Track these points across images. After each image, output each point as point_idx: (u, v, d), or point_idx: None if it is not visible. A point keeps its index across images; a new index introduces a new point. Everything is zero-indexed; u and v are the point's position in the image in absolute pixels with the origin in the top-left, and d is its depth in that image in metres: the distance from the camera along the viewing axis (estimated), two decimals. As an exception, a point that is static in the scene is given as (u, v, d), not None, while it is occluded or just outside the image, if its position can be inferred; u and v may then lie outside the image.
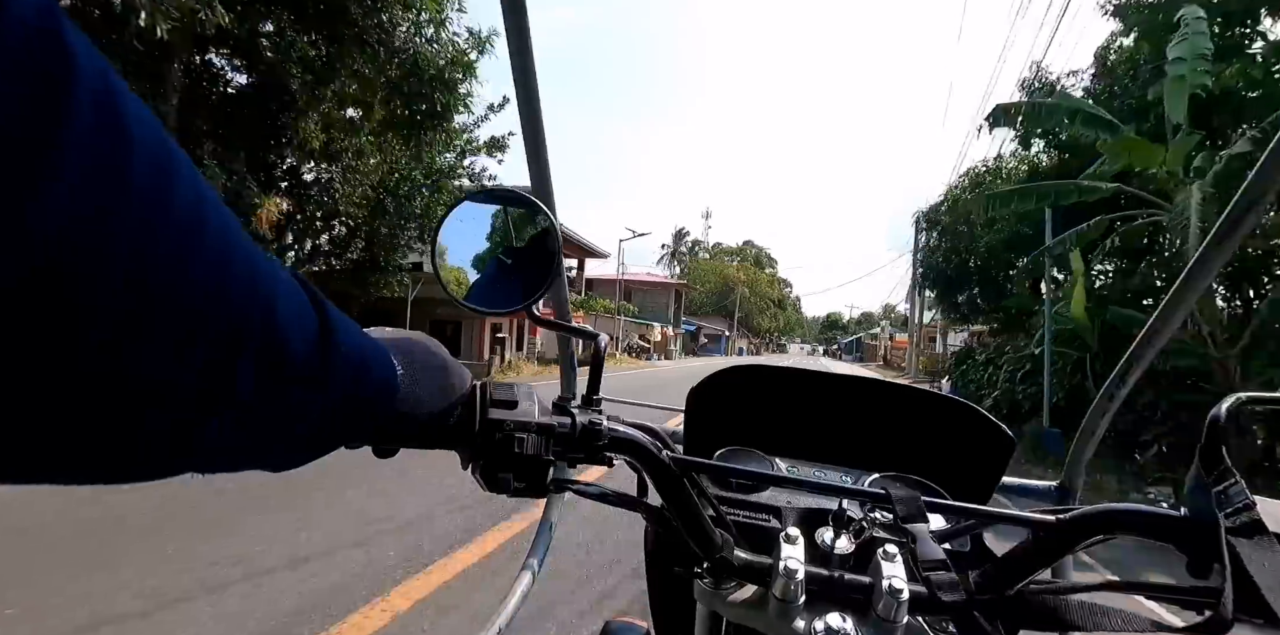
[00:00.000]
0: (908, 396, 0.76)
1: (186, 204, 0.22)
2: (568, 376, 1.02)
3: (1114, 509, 0.49)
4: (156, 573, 2.62)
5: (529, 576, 0.92)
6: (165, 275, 0.21)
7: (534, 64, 0.69)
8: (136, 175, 0.20)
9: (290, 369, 0.28)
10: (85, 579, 2.50)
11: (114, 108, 0.19)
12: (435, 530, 3.49)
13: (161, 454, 0.25)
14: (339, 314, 0.33)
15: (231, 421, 0.26)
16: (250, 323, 0.25)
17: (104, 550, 2.81)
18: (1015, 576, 0.52)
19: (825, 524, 0.59)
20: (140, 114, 0.21)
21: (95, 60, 0.19)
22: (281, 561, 2.84)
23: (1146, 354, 0.75)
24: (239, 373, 0.25)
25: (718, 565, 0.54)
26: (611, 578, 2.94)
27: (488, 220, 0.64)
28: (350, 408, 0.34)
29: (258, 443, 0.29)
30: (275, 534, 3.19)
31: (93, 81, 0.19)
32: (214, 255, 0.23)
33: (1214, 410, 0.47)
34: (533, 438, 0.45)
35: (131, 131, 0.20)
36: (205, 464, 0.28)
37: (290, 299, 0.28)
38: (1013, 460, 0.70)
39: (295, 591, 2.56)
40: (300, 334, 0.28)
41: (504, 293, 0.63)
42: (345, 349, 0.32)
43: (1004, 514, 0.54)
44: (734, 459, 0.72)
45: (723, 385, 0.76)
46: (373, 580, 2.76)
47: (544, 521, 1.05)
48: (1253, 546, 0.43)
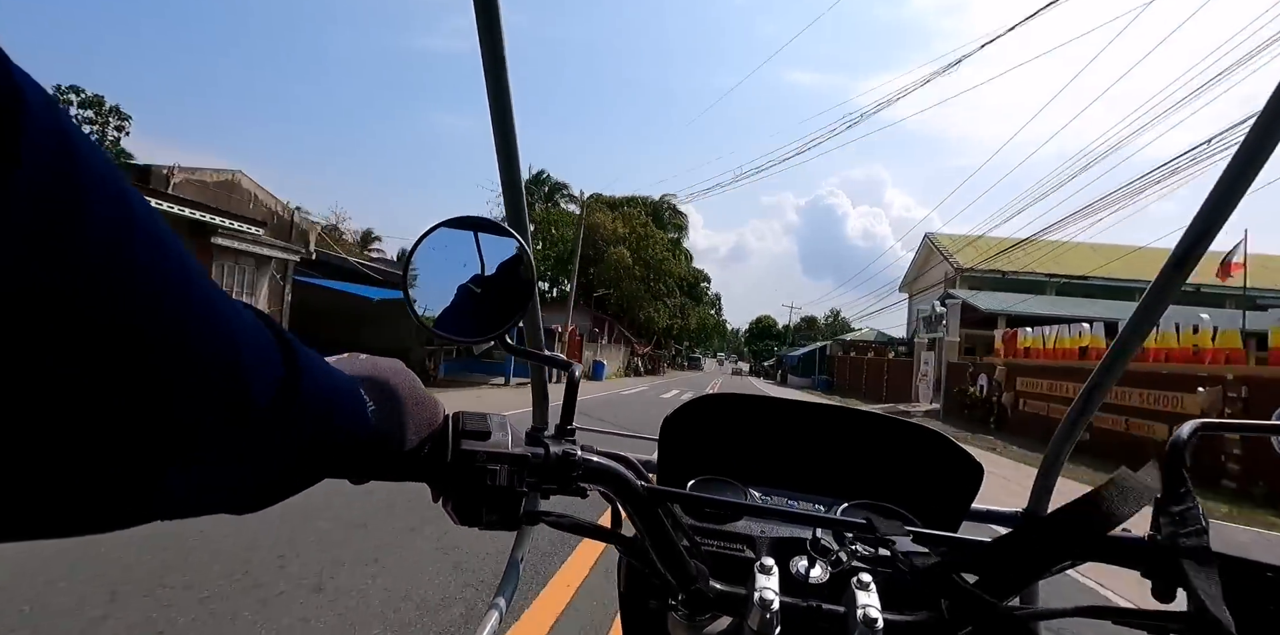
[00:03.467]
0: (878, 425, 0.77)
1: (144, 247, 0.21)
2: (540, 406, 1.01)
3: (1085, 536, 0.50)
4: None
5: (496, 615, 0.89)
6: (120, 319, 0.20)
7: (510, 100, 0.70)
8: (92, 216, 0.19)
9: (254, 413, 0.27)
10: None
11: (68, 148, 0.19)
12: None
13: (120, 505, 0.24)
14: (306, 352, 0.32)
15: (193, 469, 0.25)
16: (211, 368, 0.24)
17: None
18: (985, 603, 0.52)
19: (799, 553, 0.59)
20: (94, 154, 0.20)
21: (43, 96, 0.18)
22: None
23: (1108, 381, 0.77)
24: (200, 420, 0.24)
25: (692, 597, 0.53)
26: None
27: (461, 247, 0.64)
28: (318, 448, 0.33)
29: (222, 487, 0.29)
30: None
31: (44, 120, 0.18)
32: (173, 299, 0.22)
33: (1174, 435, 0.49)
34: (505, 469, 0.44)
35: (86, 171, 0.19)
36: (167, 511, 0.27)
37: (254, 342, 0.27)
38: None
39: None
40: (264, 377, 0.28)
41: (476, 320, 0.63)
42: (312, 389, 0.31)
43: (974, 541, 0.54)
44: (707, 488, 0.72)
45: (696, 414, 0.76)
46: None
47: (513, 557, 1.02)
48: (1207, 572, 0.44)
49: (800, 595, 0.54)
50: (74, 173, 0.19)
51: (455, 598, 2.76)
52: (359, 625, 2.42)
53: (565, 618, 2.67)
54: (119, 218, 0.20)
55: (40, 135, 0.18)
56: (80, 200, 0.19)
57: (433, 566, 3.12)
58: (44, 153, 0.18)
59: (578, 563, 3.31)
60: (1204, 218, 0.62)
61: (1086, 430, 0.82)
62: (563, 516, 0.52)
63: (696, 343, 71.04)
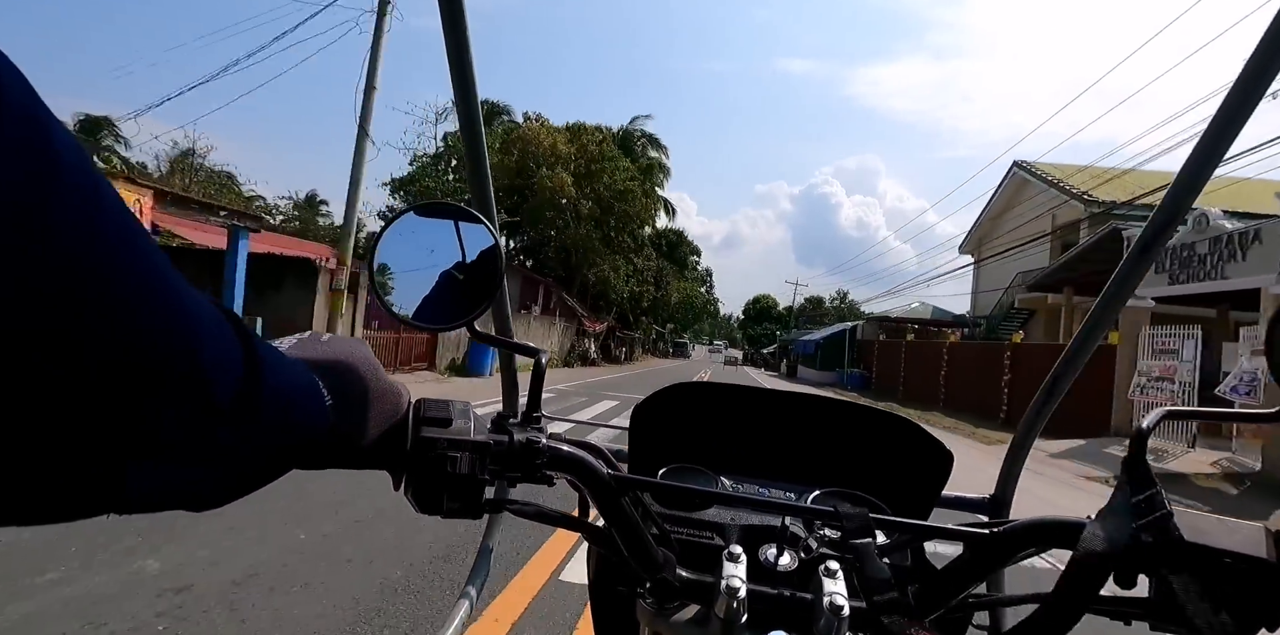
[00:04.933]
0: (848, 412, 0.77)
1: (112, 240, 0.20)
2: (509, 393, 1.00)
3: (1046, 522, 0.50)
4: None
5: (466, 605, 0.88)
6: (82, 310, 0.19)
7: (475, 84, 0.69)
8: (59, 202, 0.18)
9: (215, 409, 0.27)
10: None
11: (41, 134, 0.18)
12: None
13: (79, 497, 0.23)
14: (265, 346, 0.32)
15: (153, 464, 0.25)
16: (173, 363, 0.24)
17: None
18: (953, 590, 0.52)
19: (769, 541, 0.59)
20: (67, 140, 0.19)
21: (19, 79, 0.18)
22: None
23: (1072, 369, 0.78)
24: (161, 415, 0.24)
25: (659, 585, 0.53)
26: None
27: (428, 234, 0.62)
28: (278, 443, 0.33)
29: (183, 483, 0.28)
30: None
31: (18, 106, 0.17)
32: (138, 295, 0.21)
33: (1140, 423, 0.50)
34: (466, 457, 0.44)
35: (57, 157, 0.19)
36: (127, 505, 0.26)
37: (216, 336, 0.27)
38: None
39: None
40: (226, 373, 0.27)
41: (444, 308, 0.62)
42: (272, 384, 0.31)
43: (942, 529, 0.55)
44: (678, 477, 0.71)
45: (667, 402, 0.76)
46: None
47: (483, 546, 1.01)
48: (1173, 559, 0.44)
49: (769, 583, 0.54)
50: (45, 161, 0.18)
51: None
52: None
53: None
54: (88, 209, 0.20)
55: (13, 122, 0.17)
56: (50, 190, 0.18)
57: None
58: (16, 140, 0.17)
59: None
60: (1171, 202, 0.62)
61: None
62: (528, 505, 0.51)
63: (682, 325, 59.65)
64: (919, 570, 0.64)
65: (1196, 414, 0.59)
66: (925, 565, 0.65)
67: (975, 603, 0.55)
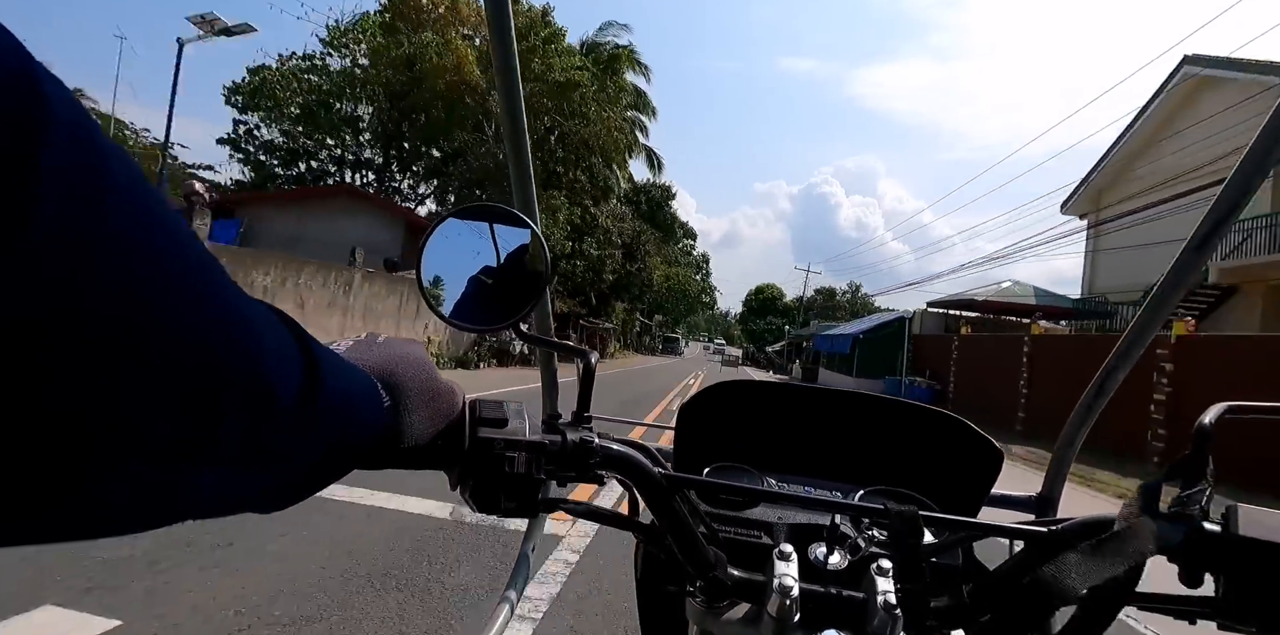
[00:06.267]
0: (895, 410, 0.76)
1: (165, 246, 0.21)
2: (550, 393, 1.01)
3: (1107, 519, 0.49)
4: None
5: (507, 609, 0.89)
6: (144, 320, 0.20)
7: (519, 87, 0.69)
8: (113, 216, 0.18)
9: (278, 414, 0.27)
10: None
11: (91, 145, 0.18)
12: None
13: (146, 507, 0.24)
14: (323, 349, 0.32)
15: (221, 469, 0.26)
16: (234, 368, 0.24)
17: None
18: (1008, 590, 0.52)
19: (817, 540, 0.58)
20: (116, 152, 0.19)
21: (65, 93, 0.17)
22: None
23: (1124, 365, 0.76)
24: (225, 422, 0.24)
25: (711, 583, 0.53)
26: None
27: (473, 236, 0.64)
28: (338, 444, 0.34)
29: (247, 488, 0.29)
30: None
31: (67, 115, 0.17)
32: (195, 299, 0.22)
33: (1200, 419, 0.48)
34: (523, 456, 0.44)
35: (109, 171, 0.19)
36: (192, 512, 0.27)
37: (275, 340, 0.27)
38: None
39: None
40: (286, 377, 0.27)
41: (489, 308, 0.63)
42: (331, 387, 0.31)
43: (997, 527, 0.54)
44: (723, 475, 0.71)
45: (712, 401, 0.76)
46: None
47: (523, 550, 1.01)
48: (1238, 555, 0.43)
49: (819, 582, 0.54)
50: (98, 173, 0.18)
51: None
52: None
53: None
54: (140, 217, 0.20)
55: (65, 130, 0.17)
56: (102, 200, 0.18)
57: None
58: (68, 151, 0.17)
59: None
60: (1228, 198, 0.60)
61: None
62: (580, 504, 0.52)
63: (674, 318, 50.80)
64: (970, 569, 0.63)
65: (1262, 409, 0.57)
66: (976, 565, 0.64)
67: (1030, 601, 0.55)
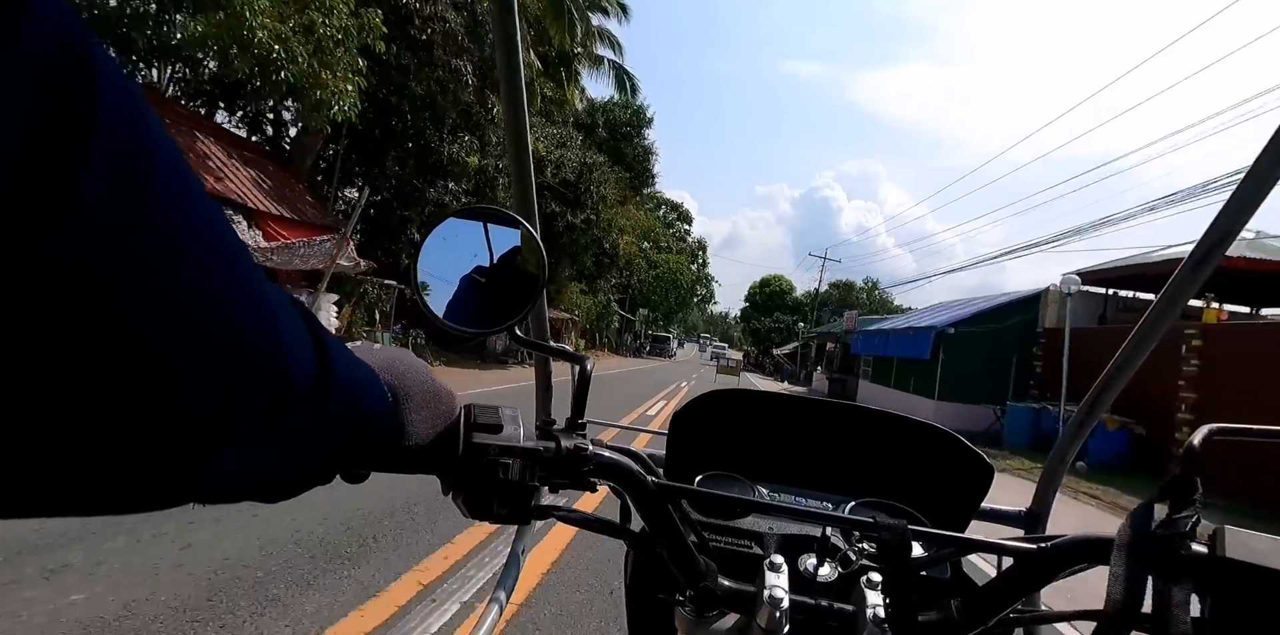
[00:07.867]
0: (888, 423, 0.76)
1: (202, 226, 0.21)
2: (543, 398, 1.00)
3: (1095, 538, 0.49)
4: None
5: (496, 609, 0.88)
6: (181, 300, 0.20)
7: (522, 87, 0.69)
8: (157, 196, 0.19)
9: (295, 394, 0.28)
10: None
11: (138, 123, 0.18)
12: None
13: (169, 484, 0.24)
14: (333, 338, 0.33)
15: (239, 449, 0.26)
16: (258, 347, 0.24)
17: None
18: (996, 606, 0.52)
19: (807, 551, 0.58)
20: (160, 131, 0.19)
21: (116, 70, 0.18)
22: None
23: (1117, 382, 0.76)
24: (251, 398, 0.25)
25: (701, 593, 0.53)
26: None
27: (470, 238, 0.63)
28: (347, 434, 0.34)
29: (261, 471, 0.29)
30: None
31: (116, 93, 0.17)
32: (226, 279, 0.22)
33: (1189, 440, 0.48)
34: (517, 463, 0.44)
35: (154, 149, 0.19)
36: (209, 494, 0.27)
37: (291, 323, 0.28)
38: None
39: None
40: (301, 358, 0.28)
41: (485, 312, 0.62)
42: (341, 373, 0.32)
43: (987, 542, 0.54)
44: (715, 484, 0.71)
45: (705, 410, 0.76)
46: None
47: (513, 551, 1.01)
48: (1224, 578, 0.43)
49: (809, 594, 0.54)
50: (144, 152, 0.18)
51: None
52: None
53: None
54: (180, 197, 0.20)
55: (114, 108, 0.17)
56: (149, 180, 0.18)
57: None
58: (117, 131, 0.17)
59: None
60: (1228, 216, 0.61)
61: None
62: (572, 511, 0.51)
63: (664, 314, 43.34)
64: (959, 584, 0.63)
65: (1249, 432, 0.57)
66: (965, 579, 0.64)
67: (1017, 619, 0.54)
